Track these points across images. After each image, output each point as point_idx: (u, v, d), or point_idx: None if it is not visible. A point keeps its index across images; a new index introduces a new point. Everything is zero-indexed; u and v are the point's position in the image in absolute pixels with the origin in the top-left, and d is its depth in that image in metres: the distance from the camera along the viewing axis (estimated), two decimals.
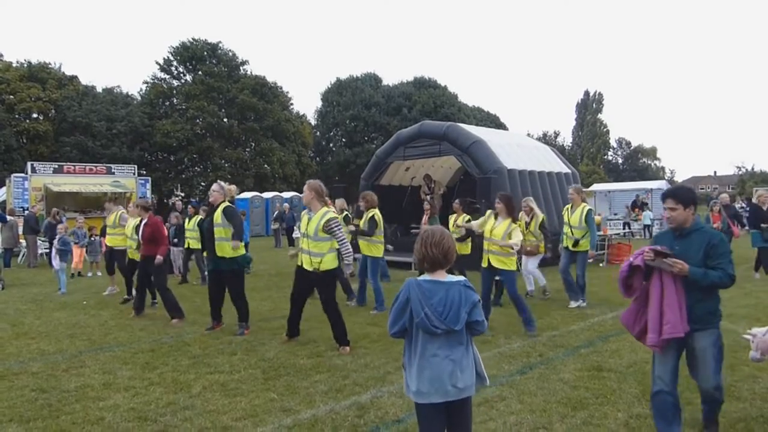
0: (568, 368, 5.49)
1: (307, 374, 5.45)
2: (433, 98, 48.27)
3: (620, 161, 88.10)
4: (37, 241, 16.55)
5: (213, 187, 7.45)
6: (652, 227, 23.52)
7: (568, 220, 9.00)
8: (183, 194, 39.60)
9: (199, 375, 5.47)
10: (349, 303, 9.20)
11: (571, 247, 8.88)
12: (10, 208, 18.77)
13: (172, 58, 41.08)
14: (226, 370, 5.60)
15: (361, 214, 11.26)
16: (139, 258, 8.77)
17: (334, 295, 6.55)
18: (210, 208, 7.55)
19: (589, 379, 5.13)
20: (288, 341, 6.68)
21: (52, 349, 6.60)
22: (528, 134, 55.49)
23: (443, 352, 2.75)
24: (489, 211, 7.57)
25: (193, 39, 41.10)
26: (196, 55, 40.70)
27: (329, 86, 51.13)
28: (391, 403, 4.60)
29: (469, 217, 10.10)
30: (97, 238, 13.63)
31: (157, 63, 41.12)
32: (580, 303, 8.73)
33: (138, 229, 8.77)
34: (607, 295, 9.54)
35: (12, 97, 33.56)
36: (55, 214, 15.49)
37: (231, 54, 42.16)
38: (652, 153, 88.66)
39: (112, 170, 24.34)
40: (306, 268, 6.41)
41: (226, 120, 41.11)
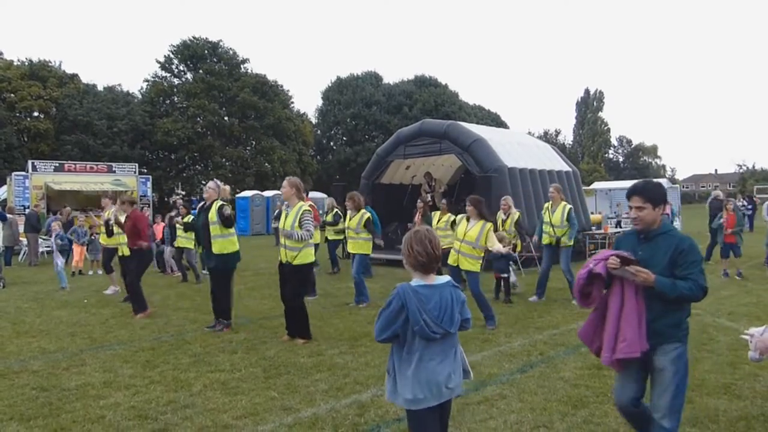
0: (569, 367, 5.49)
1: (308, 373, 5.45)
2: (434, 97, 48.24)
3: (621, 159, 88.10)
4: (38, 240, 16.56)
5: (209, 185, 7.52)
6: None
7: (549, 219, 8.96)
8: (184, 192, 39.60)
9: (200, 373, 5.47)
10: (311, 297, 9.26)
11: (553, 244, 8.96)
12: (9, 207, 18.77)
13: (173, 56, 41.06)
14: (227, 369, 5.60)
15: (336, 216, 11.35)
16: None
17: (301, 290, 6.78)
18: (203, 206, 7.51)
19: (589, 378, 5.13)
20: (289, 340, 6.68)
21: (53, 348, 6.60)
22: (529, 132, 55.43)
23: (439, 356, 2.73)
24: (460, 216, 7.69)
25: (194, 37, 41.09)
26: (196, 54, 40.68)
27: (330, 85, 51.13)
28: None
29: (454, 217, 10.10)
30: (97, 236, 13.64)
31: (158, 61, 41.14)
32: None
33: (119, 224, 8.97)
34: None
35: (13, 95, 33.56)
36: (68, 214, 15.46)
37: (232, 52, 42.14)
38: (653, 151, 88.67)
39: (113, 169, 24.35)
40: (282, 260, 6.69)
41: (226, 118, 41.10)
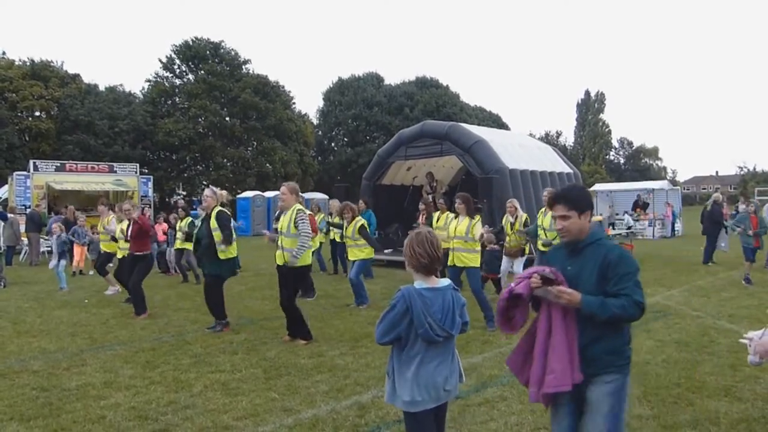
0: None
1: (308, 374, 5.45)
2: (435, 98, 48.27)
3: (622, 161, 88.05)
4: (40, 239, 16.57)
5: (206, 193, 7.55)
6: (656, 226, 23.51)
7: (542, 222, 8.94)
8: (185, 193, 39.63)
9: (200, 374, 5.47)
10: (309, 298, 9.50)
11: (542, 248, 8.85)
12: (11, 206, 18.78)
13: (174, 56, 41.13)
14: (227, 370, 5.60)
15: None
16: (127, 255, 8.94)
17: (293, 292, 6.78)
18: (205, 215, 7.51)
19: None
20: (290, 341, 6.68)
21: (53, 348, 6.60)
22: (530, 134, 55.41)
23: (438, 359, 2.75)
24: (448, 213, 7.70)
25: (196, 38, 41.17)
26: (198, 54, 40.73)
27: (331, 85, 51.19)
28: None
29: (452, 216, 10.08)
30: (97, 236, 13.63)
31: (160, 61, 41.19)
32: None
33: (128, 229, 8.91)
34: None
35: (15, 95, 33.60)
36: (73, 213, 15.43)
37: (233, 53, 42.19)
38: (654, 153, 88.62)
39: (114, 169, 24.34)
40: (279, 263, 6.71)
41: (228, 119, 41.14)
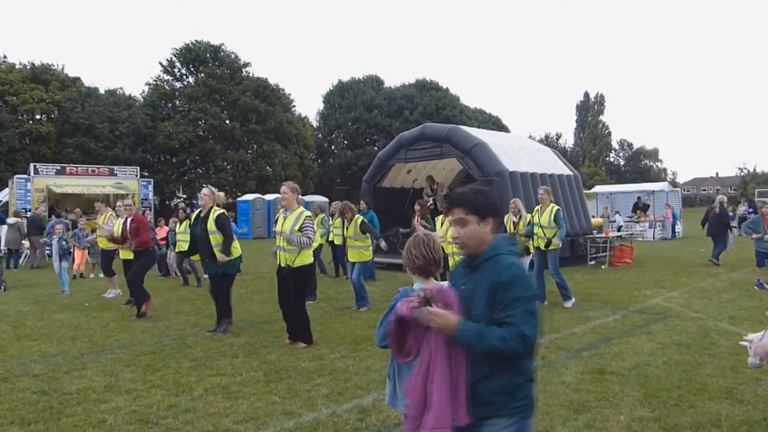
0: (570, 371, 5.48)
1: (309, 377, 5.45)
2: (435, 100, 48.31)
3: (622, 163, 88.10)
4: (42, 242, 16.55)
5: (203, 191, 7.47)
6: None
7: (539, 221, 9.15)
8: (185, 196, 39.66)
9: (201, 378, 5.47)
10: (311, 301, 9.26)
11: (543, 247, 9.09)
12: (14, 210, 18.77)
13: (175, 59, 41.22)
14: (228, 373, 5.60)
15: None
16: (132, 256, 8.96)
17: (304, 293, 6.81)
18: (199, 214, 7.44)
19: (591, 382, 5.12)
20: (290, 344, 6.67)
21: (54, 351, 6.60)
22: (530, 136, 55.55)
23: None
24: (440, 216, 7.72)
25: (196, 41, 41.29)
26: (198, 57, 40.81)
27: (331, 88, 51.23)
28: None
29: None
30: (94, 236, 13.61)
31: (160, 65, 41.31)
32: (569, 303, 8.86)
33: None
34: (608, 298, 9.53)
35: (15, 98, 33.65)
36: (78, 216, 15.40)
37: (233, 56, 42.28)
38: (654, 155, 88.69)
39: (115, 172, 24.39)
40: (281, 265, 6.68)
41: (228, 122, 41.20)
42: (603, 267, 14.09)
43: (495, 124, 54.00)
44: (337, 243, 12.91)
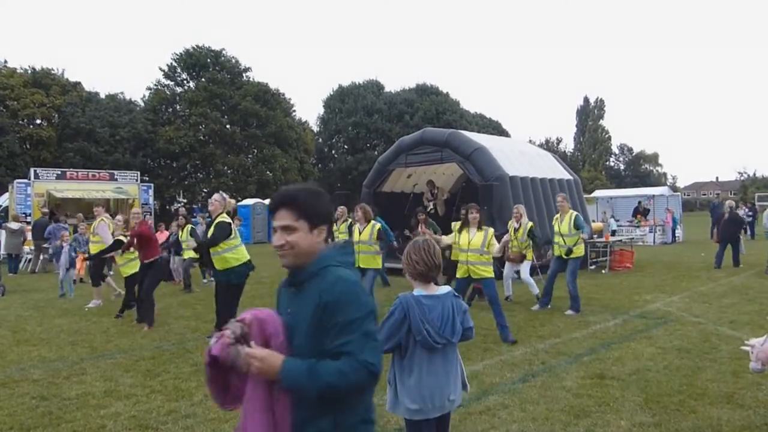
0: (571, 376, 5.47)
1: None
2: (435, 105, 48.35)
3: (622, 167, 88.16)
4: (42, 247, 16.55)
5: (214, 197, 7.26)
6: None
7: (559, 229, 8.94)
8: (185, 201, 39.68)
9: (201, 383, 5.45)
10: None
11: (564, 256, 8.83)
12: (13, 214, 18.76)
13: (175, 64, 41.26)
14: None
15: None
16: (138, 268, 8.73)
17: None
18: (210, 220, 7.33)
19: (591, 387, 5.11)
20: None
21: (53, 356, 6.59)
22: (530, 141, 55.49)
23: (441, 368, 2.74)
24: (456, 224, 7.62)
25: (197, 46, 41.31)
26: (199, 62, 40.88)
27: (331, 93, 51.27)
28: None
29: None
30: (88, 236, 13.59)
31: (161, 69, 41.31)
32: (570, 312, 8.66)
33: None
34: (609, 302, 9.52)
35: (16, 103, 33.71)
36: (81, 220, 15.38)
37: (234, 61, 42.34)
38: (654, 159, 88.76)
39: (115, 176, 24.38)
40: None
41: (228, 126, 41.23)
42: (603, 272, 14.07)
43: (495, 129, 54.02)
44: None
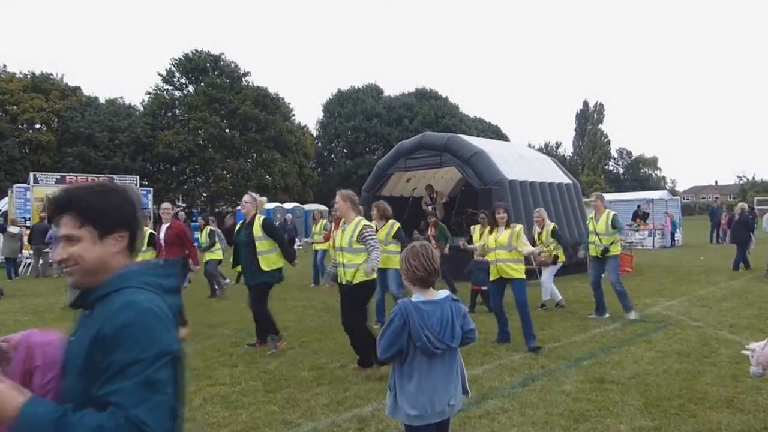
0: (571, 380, 5.47)
1: (308, 386, 5.43)
2: (434, 109, 48.49)
3: (621, 171, 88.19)
4: (43, 251, 16.54)
5: (245, 199, 6.95)
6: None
7: (595, 228, 8.72)
8: (185, 205, 39.68)
9: (200, 387, 5.45)
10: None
11: (600, 255, 8.67)
12: (12, 218, 18.76)
13: (174, 69, 41.36)
14: (227, 383, 5.58)
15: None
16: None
17: (363, 313, 5.97)
18: (243, 222, 6.94)
19: (591, 391, 5.11)
20: (359, 369, 5.92)
21: None
22: (529, 145, 55.63)
23: (441, 373, 2.74)
24: (475, 226, 7.50)
25: (196, 50, 41.43)
26: (198, 67, 40.97)
27: (331, 97, 51.42)
28: None
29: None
30: None
31: (160, 74, 41.42)
32: (632, 314, 8.33)
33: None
34: (608, 306, 9.50)
35: (15, 107, 33.78)
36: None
37: (233, 65, 42.45)
38: (653, 163, 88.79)
39: (115, 181, 24.42)
40: (342, 282, 5.97)
41: (228, 131, 41.30)
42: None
43: (494, 133, 54.12)
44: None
